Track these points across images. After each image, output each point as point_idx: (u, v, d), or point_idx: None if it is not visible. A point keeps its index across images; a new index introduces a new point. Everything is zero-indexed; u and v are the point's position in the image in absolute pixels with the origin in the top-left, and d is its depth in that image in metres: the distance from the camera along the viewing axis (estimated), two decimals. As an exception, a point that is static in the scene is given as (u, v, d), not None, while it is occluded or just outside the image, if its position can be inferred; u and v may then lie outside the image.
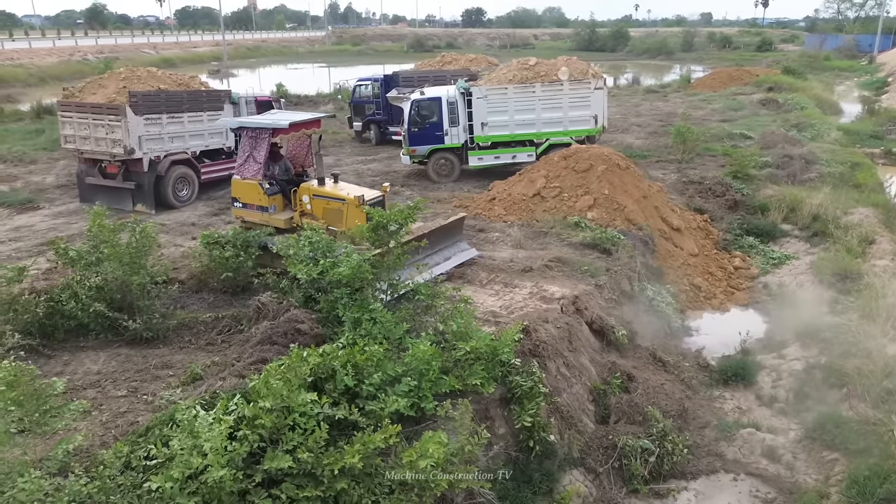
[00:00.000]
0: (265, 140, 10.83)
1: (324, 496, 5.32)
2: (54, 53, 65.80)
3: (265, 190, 10.87)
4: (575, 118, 17.57)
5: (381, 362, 6.75)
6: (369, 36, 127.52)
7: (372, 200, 10.60)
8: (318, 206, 10.76)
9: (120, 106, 15.49)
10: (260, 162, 10.87)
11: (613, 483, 8.17)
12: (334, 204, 10.65)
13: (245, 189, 11.05)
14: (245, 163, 11.06)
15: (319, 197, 10.76)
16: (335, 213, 10.58)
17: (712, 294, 13.43)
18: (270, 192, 10.92)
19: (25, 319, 8.46)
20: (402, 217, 8.40)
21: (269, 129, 10.79)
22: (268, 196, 10.87)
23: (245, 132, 11.10)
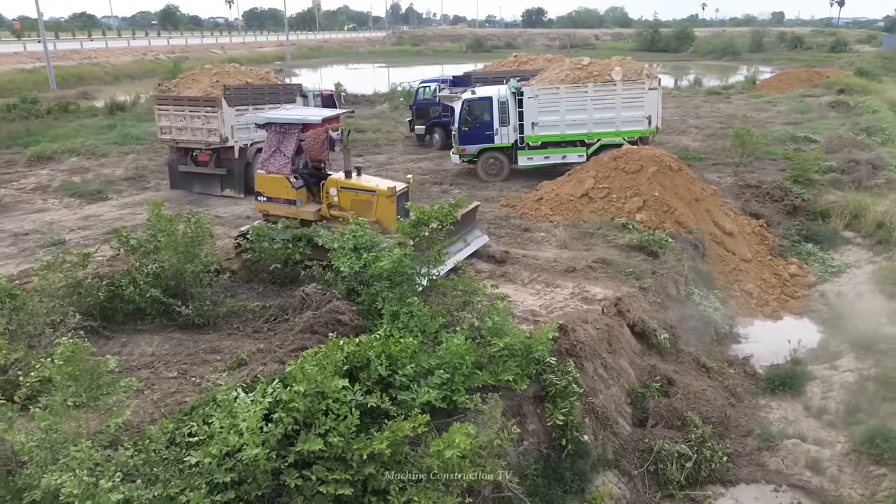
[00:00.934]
0: (294, 135, 10.98)
1: (352, 480, 5.49)
2: (129, 53, 68.90)
3: (292, 184, 11.02)
4: (628, 118, 17.34)
5: (416, 354, 6.91)
6: (429, 36, 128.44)
7: (400, 191, 10.83)
8: (346, 198, 10.89)
9: (216, 98, 16.75)
10: (288, 156, 10.99)
11: (648, 487, 8.09)
12: (363, 195, 10.79)
13: (271, 183, 11.12)
14: (271, 157, 11.13)
15: (348, 189, 10.89)
16: (364, 205, 10.72)
17: (764, 301, 13.06)
18: (297, 185, 11.07)
19: (88, 302, 8.97)
20: (444, 214, 8.54)
21: (300, 125, 10.96)
22: (295, 189, 11.03)
23: (273, 127, 11.16)
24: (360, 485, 5.65)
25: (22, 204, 15.88)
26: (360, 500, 5.66)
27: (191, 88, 18.38)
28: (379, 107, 32.82)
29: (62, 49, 63.63)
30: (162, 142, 18.21)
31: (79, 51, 64.97)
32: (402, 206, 10.64)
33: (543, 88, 17.40)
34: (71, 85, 48.02)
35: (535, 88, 17.38)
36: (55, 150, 20.83)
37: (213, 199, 16.37)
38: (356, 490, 5.63)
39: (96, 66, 58.21)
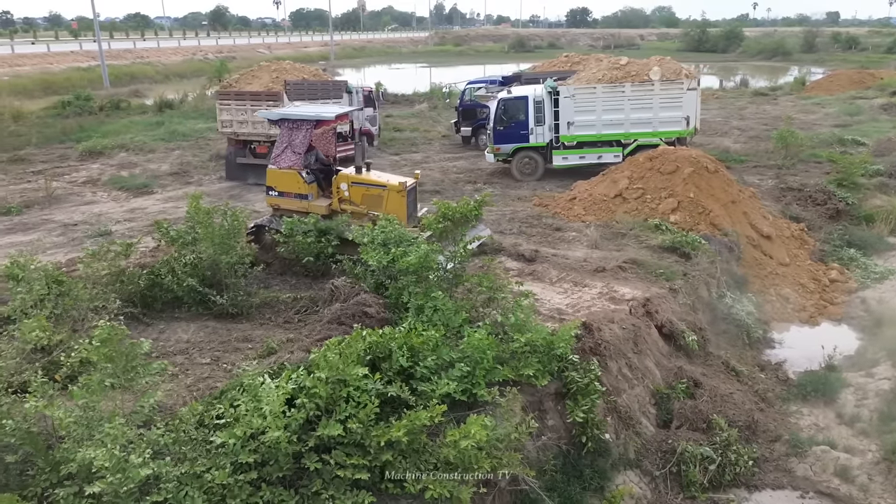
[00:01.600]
0: (307, 131, 11.18)
1: (369, 465, 5.66)
2: (179, 53, 70.91)
3: (304, 179, 11.23)
4: (665, 119, 17.15)
5: (437, 347, 7.04)
6: (471, 37, 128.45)
7: (410, 187, 11.09)
8: (357, 193, 11.10)
9: (278, 92, 17.72)
10: (299, 152, 11.20)
11: (670, 488, 8.05)
12: (374, 190, 11.01)
13: (283, 178, 11.33)
14: (283, 153, 11.32)
15: (358, 184, 11.10)
16: (375, 199, 10.95)
17: (801, 306, 12.78)
18: (309, 180, 11.30)
19: (129, 290, 9.36)
20: (470, 211, 8.65)
21: (313, 121, 11.18)
22: (307, 184, 11.25)
23: (285, 123, 11.37)
24: (377, 471, 5.81)
25: (73, 196, 16.58)
26: (377, 486, 5.82)
27: (251, 84, 19.47)
28: (418, 106, 33.08)
29: (116, 48, 65.92)
30: (222, 135, 19.05)
31: (132, 50, 67.19)
32: (411, 201, 10.96)
33: (580, 88, 17.34)
34: (124, 83, 49.61)
35: (572, 88, 17.33)
36: (105, 146, 21.65)
37: (251, 194, 16.77)
38: (374, 476, 5.80)
39: (148, 65, 60.08)
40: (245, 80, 20.39)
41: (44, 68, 51.13)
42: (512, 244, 12.52)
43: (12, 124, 25.53)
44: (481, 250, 12.34)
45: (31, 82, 45.44)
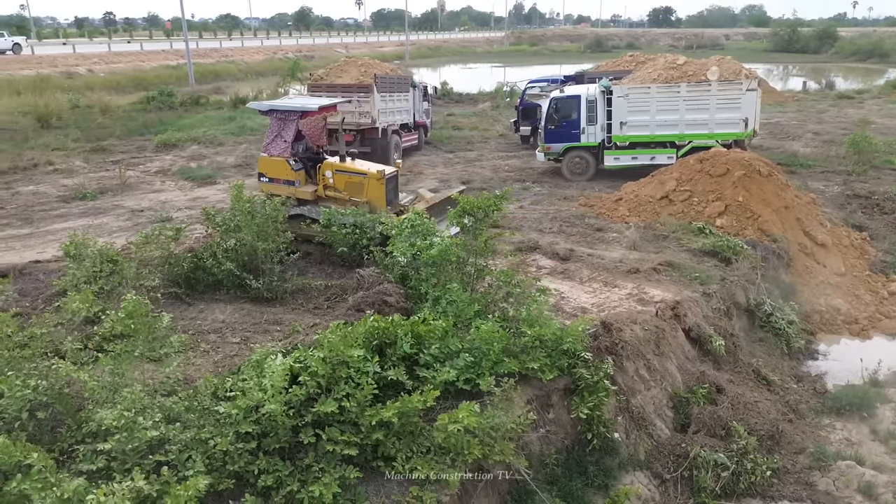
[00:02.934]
0: (294, 121, 11.75)
1: (360, 443, 5.93)
2: (261, 52, 73.78)
3: (292, 166, 11.80)
4: (722, 120, 16.66)
5: (444, 336, 7.25)
6: (548, 37, 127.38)
7: (389, 175, 11.64)
8: (341, 180, 11.64)
9: (370, 85, 19.42)
10: (288, 141, 11.79)
11: (680, 492, 7.95)
12: (356, 178, 11.55)
13: (273, 165, 11.96)
14: (273, 141, 11.95)
15: (342, 172, 11.64)
16: (357, 186, 11.50)
17: (853, 318, 12.20)
18: (296, 168, 11.86)
19: (176, 272, 10.02)
20: (487, 205, 8.79)
21: (299, 112, 11.79)
22: (294, 171, 11.81)
23: (274, 114, 11.99)
24: (369, 449, 6.08)
25: (143, 185, 17.73)
26: (369, 463, 6.09)
27: (340, 78, 21.00)
28: (481, 105, 33.26)
29: (203, 48, 69.31)
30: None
31: (218, 49, 70.46)
32: (391, 189, 11.55)
33: (634, 88, 17.08)
34: (208, 80, 52.14)
35: (625, 87, 17.09)
36: (179, 139, 22.97)
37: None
38: (366, 454, 6.07)
39: (231, 63, 62.87)
40: (335, 74, 21.98)
41: (136, 66, 54.37)
42: (549, 243, 12.55)
43: (100, 117, 27.41)
44: (517, 247, 12.50)
45: (125, 78, 48.45)
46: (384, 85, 20.44)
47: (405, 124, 22.12)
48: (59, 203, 15.55)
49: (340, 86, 20.31)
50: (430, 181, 18.20)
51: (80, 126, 25.11)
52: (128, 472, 5.31)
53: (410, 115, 22.37)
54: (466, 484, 6.42)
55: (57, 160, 19.70)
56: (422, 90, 23.31)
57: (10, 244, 12.67)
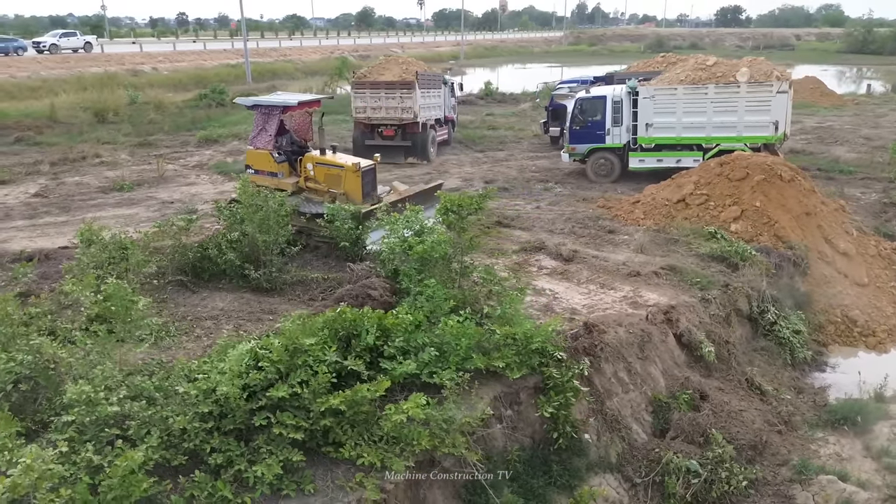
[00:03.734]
0: (276, 116, 12.29)
1: (308, 428, 6.16)
2: (319, 51, 75.44)
3: (275, 158, 12.35)
4: (751, 123, 16.17)
5: (411, 330, 7.42)
6: (608, 36, 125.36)
7: (366, 168, 12.07)
8: (321, 173, 12.17)
9: (412, 82, 20.28)
10: (271, 134, 12.33)
11: (651, 497, 7.88)
12: (334, 170, 12.07)
13: (258, 158, 12.57)
14: (258, 135, 12.53)
15: (322, 165, 12.17)
16: (335, 178, 12.04)
17: (870, 331, 11.71)
18: (279, 160, 12.39)
19: (183, 261, 10.53)
20: (473, 204, 8.90)
21: (280, 107, 12.32)
22: (277, 163, 12.36)
23: (259, 109, 12.56)
24: (320, 434, 6.32)
25: (179, 178, 18.55)
26: (320, 448, 6.33)
27: (383, 75, 21.88)
28: (522, 105, 33.18)
29: (264, 47, 71.48)
30: (357, 120, 21.42)
31: (277, 49, 72.51)
32: (368, 182, 11.95)
33: (660, 88, 16.78)
34: (265, 79, 53.74)
35: (651, 88, 16.82)
36: (220, 135, 23.88)
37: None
38: (317, 439, 6.31)
39: (289, 62, 64.59)
40: (377, 72, 22.91)
41: (198, 64, 56.57)
42: (556, 244, 12.51)
43: (152, 113, 28.73)
44: (523, 247, 12.54)
45: (186, 76, 50.50)
46: (424, 81, 21.31)
47: (438, 119, 22.88)
48: (98, 193, 16.46)
49: (384, 83, 21.18)
50: (454, 180, 18.38)
51: (132, 121, 26.42)
52: (87, 442, 5.69)
53: (442, 111, 23.21)
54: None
55: (105, 153, 20.83)
56: (450, 87, 24.13)
57: (46, 230, 13.52)
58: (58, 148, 21.65)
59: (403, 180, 18.27)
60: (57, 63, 47.93)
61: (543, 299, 10.24)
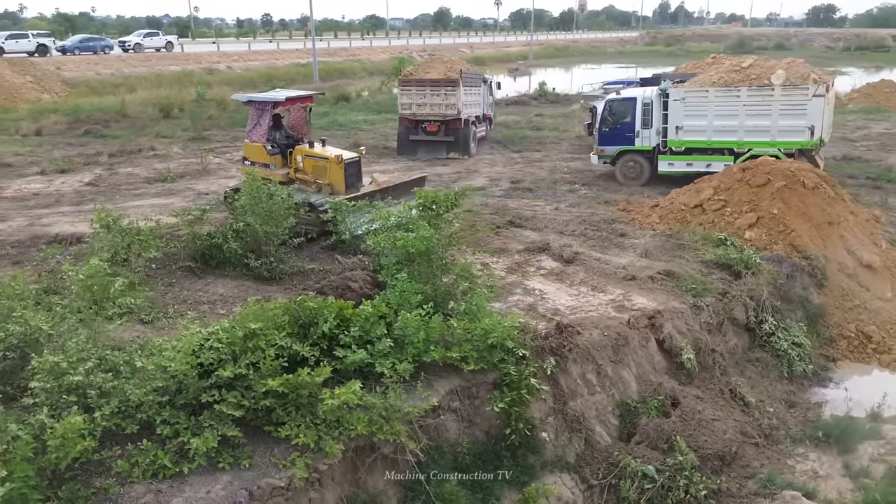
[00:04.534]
0: (268, 111, 13.13)
1: (249, 407, 6.54)
2: (387, 51, 76.70)
3: (268, 151, 13.20)
4: (786, 128, 15.53)
5: (373, 321, 7.70)
6: (686, 37, 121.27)
7: (349, 160, 12.71)
8: (309, 164, 12.98)
9: (456, 80, 21.11)
10: (265, 128, 13.19)
11: (605, 500, 7.86)
12: (320, 162, 12.84)
13: (253, 150, 13.43)
14: (253, 129, 13.42)
15: (309, 157, 12.99)
16: (321, 169, 12.80)
17: (887, 348, 11.13)
18: (272, 152, 13.26)
19: (194, 248, 11.20)
20: (448, 201, 9.09)
21: (271, 102, 13.14)
22: (270, 155, 13.22)
23: (253, 105, 13.48)
24: (263, 414, 6.69)
25: (220, 171, 19.51)
26: (263, 427, 6.70)
27: (428, 73, 22.66)
28: (573, 106, 32.83)
29: (335, 47, 73.44)
30: (402, 116, 22.23)
31: (347, 49, 74.30)
32: (351, 174, 12.55)
33: (690, 91, 16.36)
34: (332, 78, 55.25)
35: (682, 90, 16.42)
36: (269, 131, 24.87)
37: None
38: (260, 419, 6.69)
39: (356, 62, 66.09)
40: (423, 70, 23.70)
41: (270, 63, 58.73)
42: (561, 245, 12.47)
43: (213, 109, 30.19)
44: (527, 247, 12.60)
45: (257, 75, 52.48)
46: (467, 79, 22.15)
47: (478, 116, 23.54)
48: (143, 184, 17.56)
49: (429, 80, 21.96)
50: (481, 179, 18.52)
51: (193, 117, 27.85)
52: (45, 406, 6.26)
53: (482, 108, 23.88)
54: (354, 458, 6.86)
55: (160, 146, 22.14)
56: (489, 86, 24.83)
57: (87, 216, 14.52)
58: (119, 141, 23.17)
59: (432, 177, 18.59)
60: (139, 61, 50.96)
61: (530, 299, 10.29)
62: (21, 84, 37.97)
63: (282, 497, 6.30)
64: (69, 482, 5.89)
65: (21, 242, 12.44)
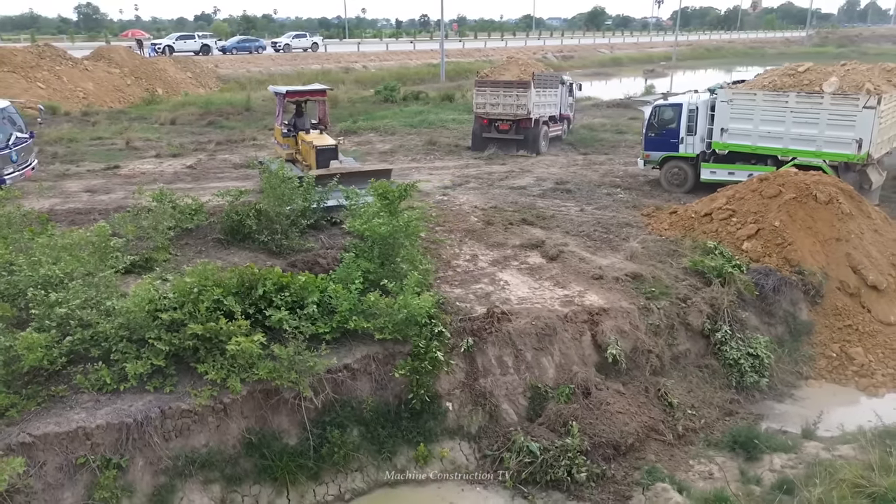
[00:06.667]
0: (282, 101, 16.28)
1: (180, 345, 8.14)
2: (522, 52, 77.41)
3: (283, 134, 16.20)
4: (832, 139, 14.69)
5: (307, 290, 9.06)
6: (864, 37, 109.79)
7: (323, 146, 14.73)
8: (303, 147, 15.53)
9: (528, 81, 22.32)
10: (280, 115, 16.49)
11: (494, 470, 8.61)
12: (305, 146, 15.39)
13: (277, 133, 16.71)
14: (277, 115, 16.67)
15: (303, 142, 15.54)
16: (306, 152, 15.30)
17: (869, 371, 10.63)
18: (285, 135, 16.17)
19: (227, 223, 13.18)
20: (399, 192, 10.18)
21: (282, 94, 16.17)
22: (283, 138, 16.23)
23: (277, 95, 16.57)
24: (190, 352, 8.27)
25: (299, 162, 21.76)
26: (189, 363, 8.28)
27: (503, 75, 24.18)
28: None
29: (469, 48, 75.65)
30: (477, 115, 23.71)
31: (481, 49, 76.14)
32: (324, 158, 14.38)
33: (738, 93, 15.91)
34: (459, 78, 57.24)
35: (730, 92, 16.01)
36: (359, 127, 27.00)
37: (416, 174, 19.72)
38: (188, 356, 8.27)
39: (487, 62, 67.58)
40: (498, 72, 25.23)
41: (403, 63, 61.95)
42: (556, 244, 13.02)
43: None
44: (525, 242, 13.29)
45: (389, 74, 55.69)
46: (539, 82, 23.02)
47: (552, 116, 24.21)
48: (230, 169, 20.14)
49: (503, 82, 23.20)
50: (528, 178, 19.16)
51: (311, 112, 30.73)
52: (38, 329, 8.25)
53: (557, 109, 24.57)
54: (260, 398, 8.24)
55: (261, 137, 24.97)
56: (568, 87, 25.27)
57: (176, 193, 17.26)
58: (233, 131, 26.40)
59: (482, 174, 19.55)
60: (286, 60, 56.09)
61: (491, 288, 11.09)
62: (182, 79, 43.69)
63: (189, 419, 7.87)
64: (34, 385, 7.84)
65: (107, 210, 15.15)
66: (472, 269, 12.01)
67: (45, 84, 34.41)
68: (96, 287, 9.06)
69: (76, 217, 14.04)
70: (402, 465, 8.60)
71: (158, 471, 7.59)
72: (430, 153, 23.03)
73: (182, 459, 7.70)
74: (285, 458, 8.10)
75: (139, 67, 41.36)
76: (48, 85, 34.55)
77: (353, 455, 8.39)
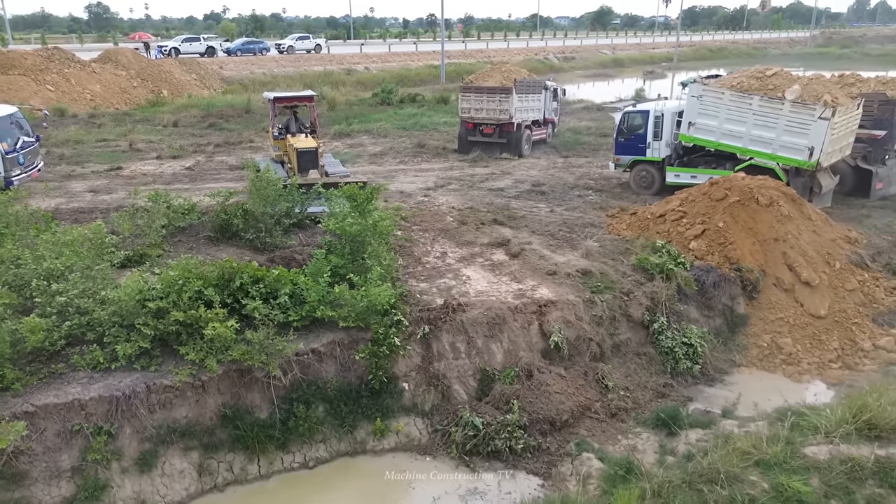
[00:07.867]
0: (272, 105, 18.21)
1: (164, 330, 9.26)
2: (523, 53, 78.46)
3: (275, 136, 17.96)
4: (786, 144, 15.64)
5: (280, 282, 10.16)
6: (868, 37, 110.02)
7: (303, 149, 15.78)
8: (289, 150, 16.83)
9: (509, 88, 23.53)
10: (272, 118, 18.48)
11: (444, 443, 9.69)
12: (289, 148, 16.76)
13: (270, 135, 18.59)
14: (271, 119, 18.51)
15: (290, 144, 16.74)
16: (290, 154, 16.56)
17: (796, 360, 11.64)
18: (276, 138, 17.93)
19: (217, 222, 14.30)
20: (368, 194, 11.27)
21: (272, 99, 18.07)
22: (275, 140, 18.01)
23: (270, 100, 18.38)
24: (173, 336, 9.38)
25: (293, 163, 22.87)
26: (172, 346, 9.39)
27: (487, 81, 25.41)
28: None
29: (471, 49, 76.64)
30: (462, 119, 24.84)
31: (483, 51, 77.10)
32: (306, 161, 15.50)
33: (708, 90, 16.87)
34: (459, 79, 58.17)
35: (700, 88, 16.98)
36: (353, 129, 28.10)
37: (402, 175, 20.79)
38: (172, 340, 9.38)
39: (488, 63, 68.55)
40: (482, 78, 26.27)
41: (405, 64, 63.02)
42: (521, 242, 14.08)
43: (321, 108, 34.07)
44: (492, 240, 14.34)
45: (390, 75, 56.78)
46: (521, 87, 24.09)
47: (536, 120, 25.30)
48: (226, 170, 21.30)
49: (486, 88, 24.35)
50: (508, 181, 20.19)
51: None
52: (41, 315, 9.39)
53: (541, 113, 25.62)
54: (233, 376, 9.34)
55: (258, 139, 26.13)
56: (552, 92, 26.25)
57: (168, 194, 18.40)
58: (232, 133, 27.56)
59: (465, 176, 20.58)
60: (289, 62, 57.27)
61: (454, 283, 12.15)
62: (186, 81, 44.96)
63: (171, 394, 8.99)
64: (36, 363, 8.99)
65: (109, 209, 16.31)
66: (439, 265, 13.06)
67: (53, 87, 35.74)
68: (93, 279, 10.20)
69: (79, 216, 15.18)
70: (362, 437, 9.70)
71: (144, 438, 8.70)
72: (418, 155, 24.14)
73: (165, 429, 8.82)
74: (256, 430, 9.21)
75: (145, 69, 42.66)
76: (57, 87, 35.88)
77: (317, 428, 9.50)
